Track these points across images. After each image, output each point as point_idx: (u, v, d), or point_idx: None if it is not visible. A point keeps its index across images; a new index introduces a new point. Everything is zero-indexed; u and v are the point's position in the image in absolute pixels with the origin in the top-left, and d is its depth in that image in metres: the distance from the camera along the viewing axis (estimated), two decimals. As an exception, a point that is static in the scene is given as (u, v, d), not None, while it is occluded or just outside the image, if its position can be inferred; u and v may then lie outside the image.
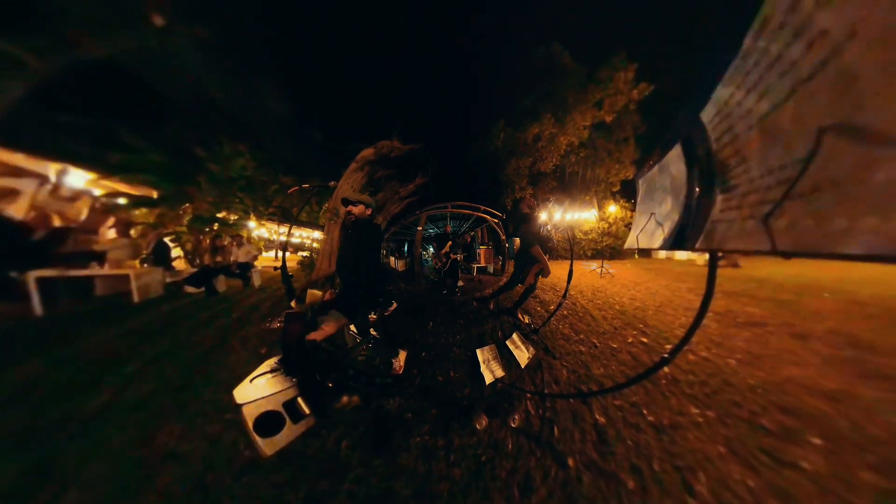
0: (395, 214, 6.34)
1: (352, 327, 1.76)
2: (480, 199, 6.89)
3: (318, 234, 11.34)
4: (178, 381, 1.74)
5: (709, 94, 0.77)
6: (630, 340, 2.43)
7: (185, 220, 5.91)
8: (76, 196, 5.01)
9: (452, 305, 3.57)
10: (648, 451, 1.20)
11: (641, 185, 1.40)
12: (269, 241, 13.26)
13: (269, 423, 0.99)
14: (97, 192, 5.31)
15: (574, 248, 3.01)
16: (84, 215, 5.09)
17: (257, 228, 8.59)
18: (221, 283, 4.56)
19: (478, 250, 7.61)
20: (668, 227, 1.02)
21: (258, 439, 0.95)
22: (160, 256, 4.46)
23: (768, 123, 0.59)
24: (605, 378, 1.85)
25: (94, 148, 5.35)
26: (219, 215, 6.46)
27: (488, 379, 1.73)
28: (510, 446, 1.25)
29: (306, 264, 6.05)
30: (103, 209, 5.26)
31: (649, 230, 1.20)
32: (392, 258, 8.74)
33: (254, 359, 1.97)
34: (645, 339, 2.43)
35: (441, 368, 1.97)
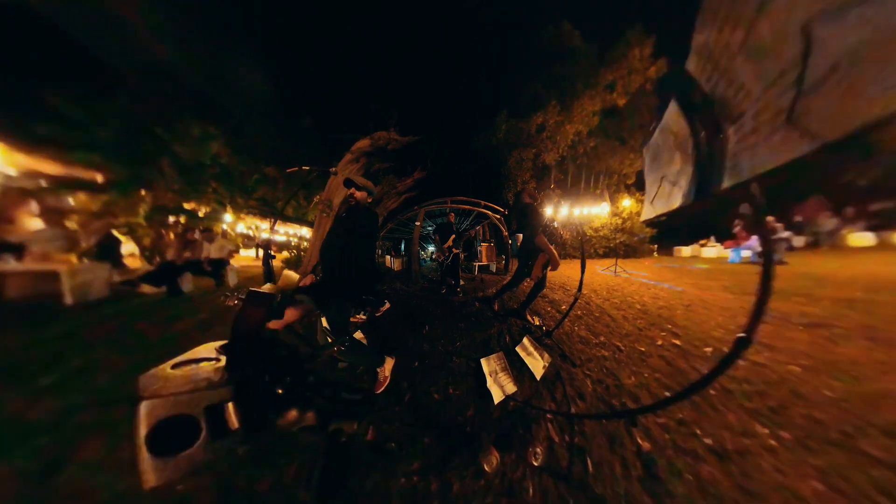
0: (392, 210, 6.24)
1: (324, 321, 1.61)
2: (482, 195, 6.92)
3: (305, 232, 11.05)
4: (110, 395, 1.52)
5: (687, 46, 0.88)
6: (660, 343, 2.24)
7: (142, 209, 5.53)
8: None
9: (452, 306, 3.44)
10: (718, 489, 0.98)
11: (646, 154, 1.39)
12: (248, 237, 12.94)
13: (173, 433, 0.65)
14: (11, 171, 4.61)
15: (584, 245, 2.85)
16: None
17: (235, 223, 8.30)
18: (187, 282, 4.29)
19: (479, 248, 7.52)
20: (684, 182, 1.04)
21: (146, 457, 0.60)
22: (107, 251, 4.18)
23: (750, 44, 0.67)
24: (639, 388, 1.63)
25: (7, 114, 4.66)
26: (187, 206, 6.16)
27: (497, 397, 1.52)
28: (531, 492, 1.01)
29: (292, 262, 5.83)
30: (20, 192, 4.54)
31: (664, 194, 1.21)
32: (388, 257, 8.69)
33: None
34: (677, 342, 2.24)
35: (437, 382, 1.75)
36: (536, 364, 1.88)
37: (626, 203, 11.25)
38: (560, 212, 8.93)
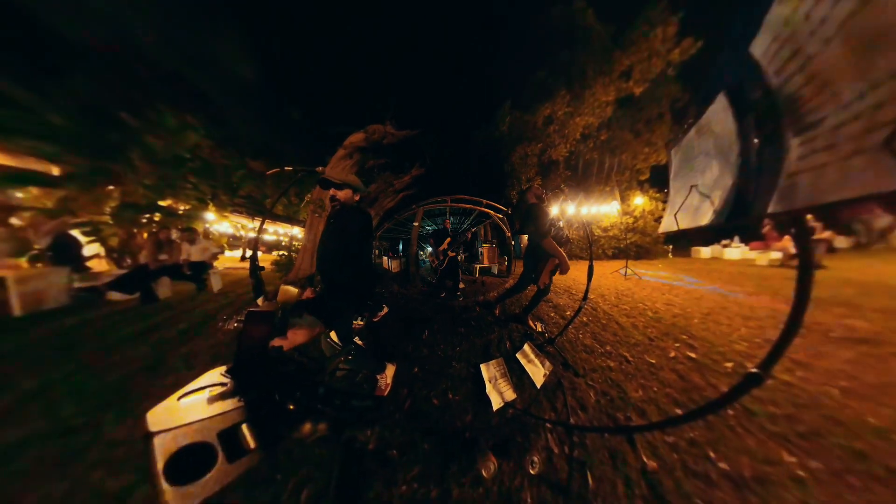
0: (388, 209, 6.27)
1: (332, 334, 1.63)
2: (483, 193, 7.01)
3: (297, 231, 11.05)
4: (74, 421, 1.45)
5: (758, 22, 0.71)
6: (672, 355, 2.26)
7: (109, 206, 5.31)
8: None
9: (452, 311, 3.51)
10: (730, 518, 0.98)
11: (675, 156, 1.32)
12: (233, 237, 12.85)
13: (190, 462, 0.72)
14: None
15: (592, 246, 2.90)
16: None
17: (218, 221, 8.32)
18: (165, 288, 4.27)
19: (480, 249, 7.63)
20: (718, 196, 0.95)
21: (166, 488, 0.68)
22: (64, 253, 4.04)
23: (859, 22, 0.49)
24: (647, 403, 1.66)
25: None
26: (162, 203, 6.09)
27: (496, 403, 1.61)
28: (530, 502, 1.05)
29: (282, 264, 5.72)
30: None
31: (691, 206, 1.14)
32: (385, 258, 8.77)
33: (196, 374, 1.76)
34: (692, 354, 2.26)
35: (437, 388, 1.82)
36: (537, 372, 1.93)
37: (639, 201, 11.17)
38: (567, 211, 9.01)
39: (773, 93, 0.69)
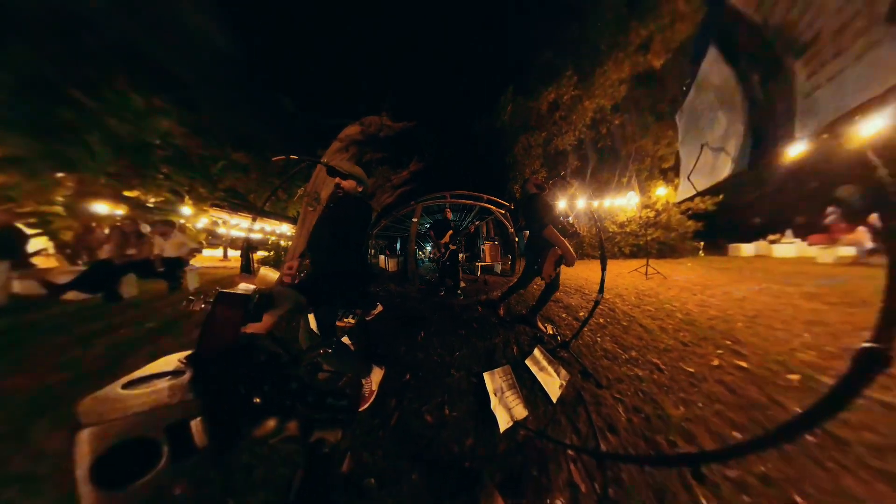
0: (386, 205, 6.19)
1: (311, 320, 1.62)
2: (485, 188, 7.05)
3: (286, 228, 10.97)
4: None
5: None
6: (716, 363, 2.05)
7: (59, 195, 5.06)
8: None
9: (452, 311, 3.46)
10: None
11: (679, 122, 1.17)
12: (214, 234, 12.73)
13: (126, 462, 0.62)
14: None
15: (605, 244, 2.71)
16: None
17: (195, 217, 8.11)
18: (130, 286, 4.12)
19: (482, 246, 7.57)
20: (733, 145, 0.83)
21: (89, 494, 0.57)
22: (2, 247, 3.84)
23: None
24: (693, 423, 1.44)
25: None
26: (129, 194, 5.94)
27: (503, 422, 1.42)
28: None
29: (270, 264, 5.72)
30: None
31: (705, 165, 0.98)
32: (382, 256, 8.79)
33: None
34: (742, 363, 2.04)
35: (432, 401, 1.66)
36: (551, 382, 1.75)
37: (661, 192, 10.63)
38: (576, 205, 8.78)
39: (758, 28, 0.63)
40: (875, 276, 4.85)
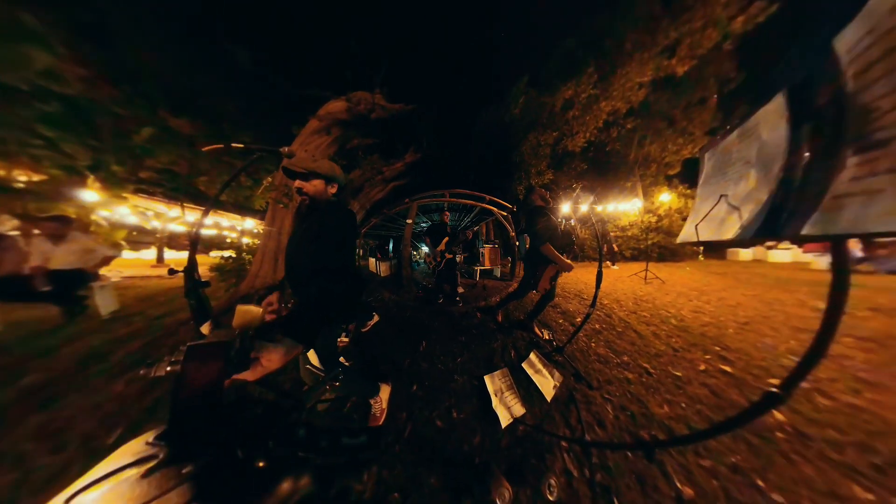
0: (376, 201, 5.76)
1: (311, 357, 1.49)
2: (487, 186, 6.89)
3: (251, 224, 9.16)
4: None
5: (851, 10, 0.64)
6: (703, 368, 2.28)
7: None
8: None
9: (451, 318, 3.57)
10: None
11: (707, 161, 1.34)
12: (139, 229, 9.99)
13: None
14: None
15: (602, 248, 2.84)
16: None
17: (108, 206, 6.36)
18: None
19: (481, 249, 7.63)
20: (748, 211, 0.96)
21: None
22: None
23: None
24: (675, 421, 1.67)
25: None
26: None
27: (504, 419, 1.64)
28: None
29: (228, 270, 4.28)
30: None
31: (716, 217, 1.14)
32: (372, 259, 8.46)
33: (76, 464, 1.34)
34: (727, 368, 2.28)
35: (440, 407, 1.81)
36: (546, 383, 1.97)
37: (665, 198, 11.09)
38: (579, 209, 8.98)
39: (844, 98, 0.67)
40: (861, 284, 5.18)
